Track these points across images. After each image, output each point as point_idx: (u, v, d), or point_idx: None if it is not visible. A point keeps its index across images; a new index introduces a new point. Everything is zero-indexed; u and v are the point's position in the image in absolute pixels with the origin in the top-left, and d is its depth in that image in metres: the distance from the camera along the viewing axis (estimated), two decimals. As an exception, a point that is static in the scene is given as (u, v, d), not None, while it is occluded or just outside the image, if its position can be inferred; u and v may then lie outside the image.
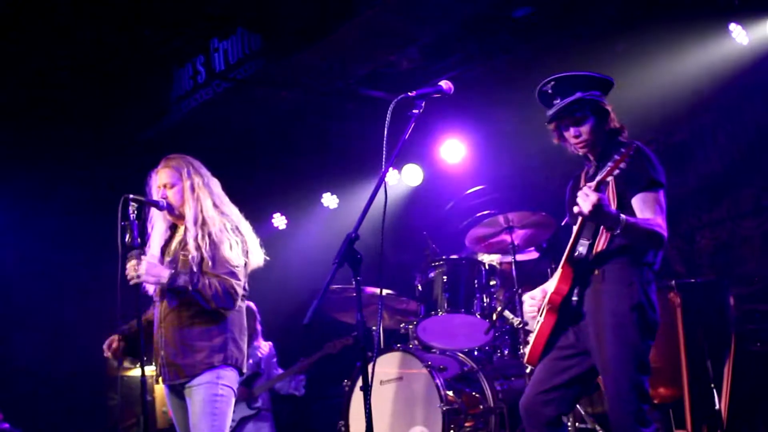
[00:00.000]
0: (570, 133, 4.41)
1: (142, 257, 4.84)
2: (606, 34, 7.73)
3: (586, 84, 4.38)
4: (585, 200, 3.97)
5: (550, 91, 4.40)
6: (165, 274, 4.85)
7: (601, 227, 4.22)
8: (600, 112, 4.39)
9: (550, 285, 4.39)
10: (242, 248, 5.02)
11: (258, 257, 5.14)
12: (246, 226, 5.15)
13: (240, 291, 4.95)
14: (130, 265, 4.81)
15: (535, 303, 4.54)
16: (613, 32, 7.70)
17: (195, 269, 4.89)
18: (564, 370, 4.33)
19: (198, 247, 4.93)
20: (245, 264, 5.05)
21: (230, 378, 4.98)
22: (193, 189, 5.06)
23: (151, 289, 5.08)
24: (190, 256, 4.92)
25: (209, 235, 4.93)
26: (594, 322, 4.22)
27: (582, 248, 4.27)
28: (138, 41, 8.41)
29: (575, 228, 4.29)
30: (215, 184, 5.22)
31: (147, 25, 8.23)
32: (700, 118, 7.86)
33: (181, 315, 4.95)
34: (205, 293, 4.83)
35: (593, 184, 3.99)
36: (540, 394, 4.33)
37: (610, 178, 3.99)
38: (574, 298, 4.30)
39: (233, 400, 5.03)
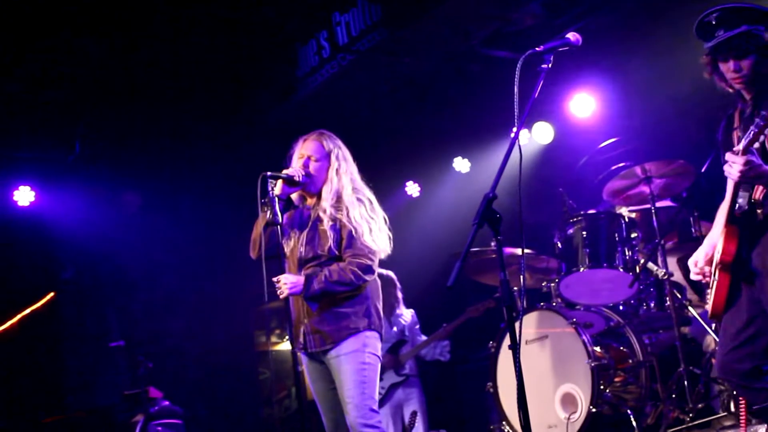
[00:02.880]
0: (729, 66, 4.21)
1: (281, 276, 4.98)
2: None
3: (753, 17, 4.18)
4: (732, 167, 3.89)
5: (713, 21, 4.21)
6: (301, 281, 4.98)
7: None
8: (764, 49, 4.18)
9: (717, 245, 4.25)
10: (379, 233, 5.09)
11: (385, 250, 5.18)
12: (381, 216, 5.21)
13: (374, 267, 5.04)
14: (278, 282, 4.96)
15: (699, 271, 4.42)
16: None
17: (332, 242, 5.00)
18: (748, 324, 4.22)
19: (336, 220, 5.03)
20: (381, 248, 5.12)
21: (374, 344, 5.06)
22: (338, 172, 5.16)
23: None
24: (328, 228, 5.03)
25: (349, 216, 5.02)
26: (766, 274, 4.10)
27: (742, 200, 4.14)
28: (261, 22, 8.56)
29: (730, 184, 4.15)
30: (356, 171, 5.29)
31: (268, 4, 8.36)
32: None
33: None
34: (343, 281, 4.95)
35: (739, 148, 3.88)
36: (730, 352, 4.25)
37: (757, 144, 3.88)
38: (744, 256, 4.18)
39: (379, 366, 5.10)
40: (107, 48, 8.48)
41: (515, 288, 6.94)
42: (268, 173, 5.00)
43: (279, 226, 4.98)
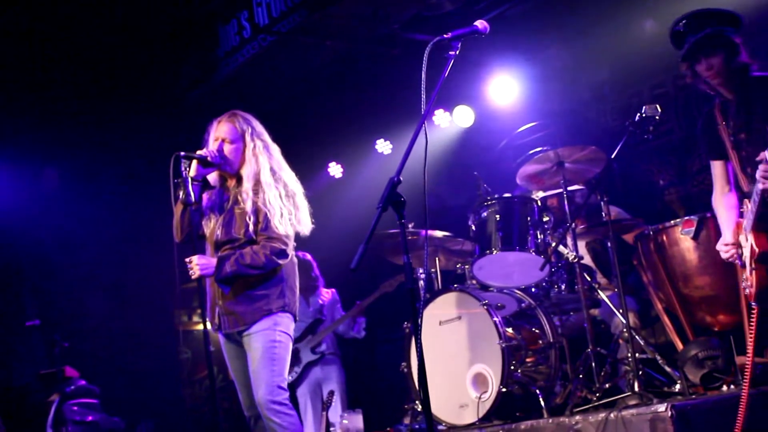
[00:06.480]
0: (702, 67, 4.53)
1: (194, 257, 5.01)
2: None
3: (716, 19, 4.52)
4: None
5: (682, 29, 4.55)
6: (213, 263, 5.01)
7: None
8: (731, 47, 4.50)
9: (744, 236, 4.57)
10: (293, 217, 5.13)
11: (306, 227, 5.25)
12: (300, 194, 5.24)
13: (288, 251, 5.09)
14: (190, 263, 4.99)
15: (730, 251, 4.78)
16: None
17: (251, 224, 5.02)
18: None
19: (253, 203, 5.05)
20: (293, 232, 5.17)
21: (286, 324, 5.12)
22: (253, 152, 5.16)
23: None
24: (247, 211, 5.05)
25: (264, 198, 5.04)
26: None
27: None
28: (182, 0, 8.51)
29: (755, 197, 4.35)
30: (275, 150, 5.29)
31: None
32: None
33: None
34: (255, 264, 4.99)
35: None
36: None
37: None
38: None
39: (291, 345, 5.16)
40: (26, 21, 8.36)
41: (432, 270, 7.04)
42: (182, 153, 5.01)
43: (191, 207, 5.01)
